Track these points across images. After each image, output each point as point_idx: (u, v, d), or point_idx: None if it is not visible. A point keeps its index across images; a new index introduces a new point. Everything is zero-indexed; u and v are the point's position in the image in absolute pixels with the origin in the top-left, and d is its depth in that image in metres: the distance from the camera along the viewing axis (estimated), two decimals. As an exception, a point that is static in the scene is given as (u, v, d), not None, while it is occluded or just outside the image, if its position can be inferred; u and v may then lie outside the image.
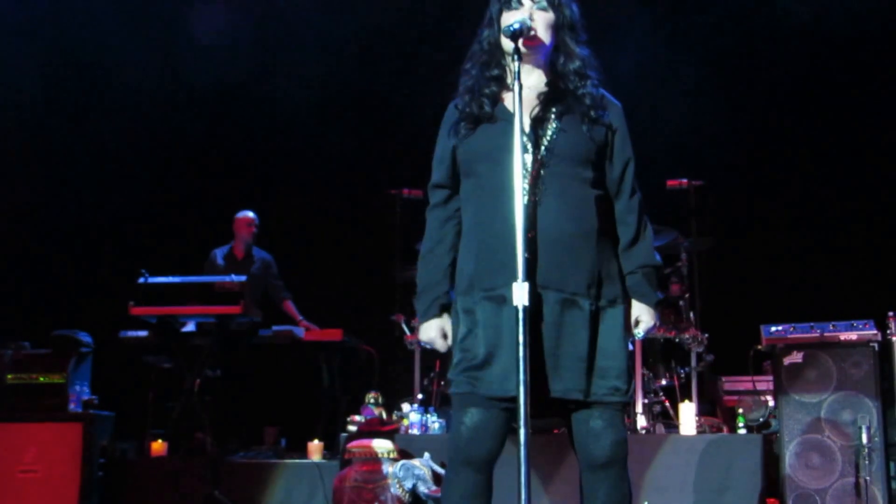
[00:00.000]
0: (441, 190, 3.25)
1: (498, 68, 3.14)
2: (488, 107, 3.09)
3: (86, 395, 6.43)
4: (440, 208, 3.24)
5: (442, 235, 3.22)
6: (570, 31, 3.12)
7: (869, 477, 5.34)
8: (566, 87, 3.09)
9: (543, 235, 2.97)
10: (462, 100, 3.16)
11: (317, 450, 6.41)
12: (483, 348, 2.99)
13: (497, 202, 2.99)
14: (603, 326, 3.02)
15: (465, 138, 3.11)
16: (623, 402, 3.02)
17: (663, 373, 6.69)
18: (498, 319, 2.97)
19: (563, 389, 2.95)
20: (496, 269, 2.98)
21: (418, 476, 5.45)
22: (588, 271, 3.01)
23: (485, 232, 3.06)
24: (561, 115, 3.07)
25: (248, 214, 7.96)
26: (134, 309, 6.28)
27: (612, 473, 3.02)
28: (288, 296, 7.93)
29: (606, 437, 3.00)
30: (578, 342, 2.96)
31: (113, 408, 6.61)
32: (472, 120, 3.10)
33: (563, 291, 2.97)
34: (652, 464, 5.67)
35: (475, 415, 3.02)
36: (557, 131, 3.05)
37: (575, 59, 3.10)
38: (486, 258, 3.03)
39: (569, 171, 3.04)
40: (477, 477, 3.04)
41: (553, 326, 2.95)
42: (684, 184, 6.86)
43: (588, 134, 3.05)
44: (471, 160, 3.11)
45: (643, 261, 3.14)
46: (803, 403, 5.58)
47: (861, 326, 5.59)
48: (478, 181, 3.10)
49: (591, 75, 3.11)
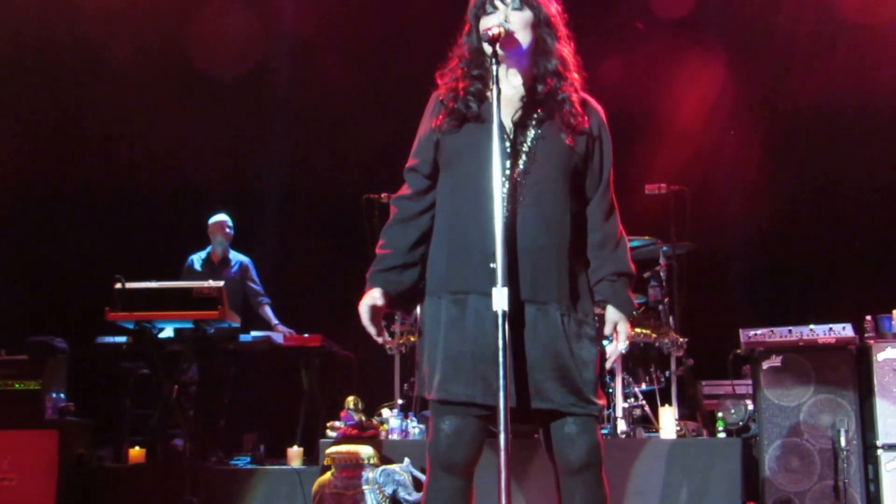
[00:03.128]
0: (418, 177, 3.18)
1: (480, 69, 3.11)
2: (475, 106, 3.07)
3: (62, 402, 6.36)
4: (413, 200, 3.17)
5: (411, 221, 3.16)
6: (547, 28, 3.09)
7: (847, 479, 5.37)
8: (546, 91, 3.07)
9: (519, 246, 2.96)
10: (447, 96, 3.13)
11: (296, 456, 6.38)
12: (446, 353, 2.99)
13: (473, 205, 2.98)
14: (577, 338, 3.00)
15: (448, 134, 3.09)
16: (595, 413, 3.00)
17: (643, 377, 6.70)
18: (462, 323, 2.97)
19: (540, 399, 2.94)
20: (466, 272, 2.98)
21: (399, 482, 5.43)
22: (562, 282, 3.00)
23: (458, 234, 3.04)
24: (541, 122, 3.06)
25: (221, 218, 7.91)
26: (110, 314, 6.23)
27: (588, 478, 3.02)
28: (266, 301, 7.89)
29: (581, 442, 2.99)
30: (555, 353, 2.95)
31: (90, 414, 6.55)
32: (457, 117, 3.08)
33: (536, 301, 2.96)
34: (632, 468, 5.67)
35: (452, 421, 3.01)
36: (537, 138, 3.04)
37: (552, 58, 3.08)
38: (456, 261, 3.02)
39: (547, 179, 3.02)
40: (457, 482, 3.03)
41: (528, 336, 2.95)
42: (663, 188, 6.87)
43: (567, 142, 3.04)
44: (452, 156, 3.10)
45: (619, 268, 3.12)
46: (782, 407, 5.60)
47: (839, 330, 5.62)
48: (456, 178, 3.09)
49: (569, 76, 3.09)
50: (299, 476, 6.09)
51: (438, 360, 3.01)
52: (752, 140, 8.21)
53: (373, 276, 3.16)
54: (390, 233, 3.19)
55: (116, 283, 6.24)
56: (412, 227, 3.16)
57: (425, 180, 3.18)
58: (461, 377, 2.95)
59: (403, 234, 3.16)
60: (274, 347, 7.11)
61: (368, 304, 3.11)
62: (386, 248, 3.17)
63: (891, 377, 5.41)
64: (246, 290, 7.85)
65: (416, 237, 3.15)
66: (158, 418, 6.46)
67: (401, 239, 3.15)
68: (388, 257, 3.15)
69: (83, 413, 6.48)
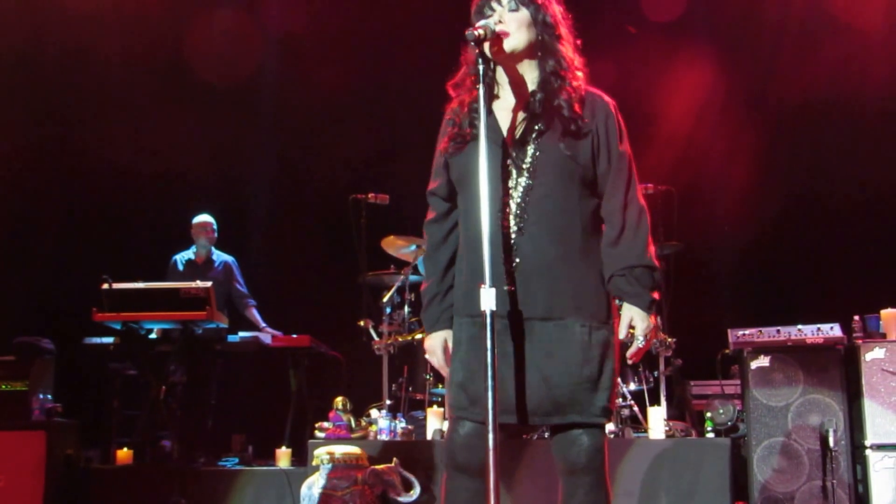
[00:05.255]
0: (438, 200, 3.24)
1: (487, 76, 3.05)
2: (477, 122, 3.00)
3: (49, 403, 6.33)
4: (438, 224, 3.25)
5: (440, 247, 3.24)
6: (546, 27, 3.05)
7: (836, 480, 5.38)
8: (545, 96, 3.02)
9: (526, 264, 2.96)
10: (453, 113, 3.13)
11: (285, 456, 6.37)
12: (463, 372, 3.04)
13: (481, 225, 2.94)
14: (594, 349, 2.98)
15: (453, 156, 3.10)
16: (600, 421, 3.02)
17: (632, 377, 6.70)
18: (478, 344, 2.93)
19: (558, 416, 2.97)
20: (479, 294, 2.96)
21: (387, 482, 5.42)
22: (572, 294, 2.99)
23: (471, 256, 3.04)
24: (541, 134, 3.02)
25: (205, 218, 7.88)
26: (98, 315, 6.21)
27: (589, 480, 3.01)
28: (252, 303, 7.87)
29: (583, 443, 3.00)
30: (571, 369, 2.95)
31: (77, 415, 6.52)
32: (460, 138, 3.08)
33: (551, 318, 2.97)
34: (621, 468, 5.67)
35: (468, 426, 3.05)
36: (537, 153, 3.01)
37: (552, 58, 3.04)
38: (471, 283, 3.01)
39: (552, 192, 2.99)
40: (472, 483, 3.05)
41: (541, 352, 2.95)
42: (650, 188, 6.88)
43: (568, 150, 2.99)
44: (460, 179, 3.11)
45: (633, 261, 3.04)
46: (771, 407, 5.61)
47: (827, 330, 5.63)
48: (467, 199, 3.09)
49: (570, 76, 3.05)
50: (287, 477, 6.08)
51: (454, 378, 3.08)
52: (740, 140, 8.21)
53: (425, 317, 3.28)
54: (426, 264, 3.31)
55: (104, 283, 6.22)
56: (442, 252, 3.24)
57: (445, 203, 3.22)
58: (473, 397, 3.00)
59: (435, 261, 3.25)
60: (262, 348, 7.09)
61: (438, 350, 3.23)
62: (427, 280, 3.28)
63: (879, 377, 5.43)
64: (231, 291, 7.82)
65: (447, 260, 3.23)
66: (146, 419, 6.44)
67: (433, 267, 3.25)
68: (428, 290, 3.25)
69: (70, 414, 6.45)
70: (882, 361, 5.44)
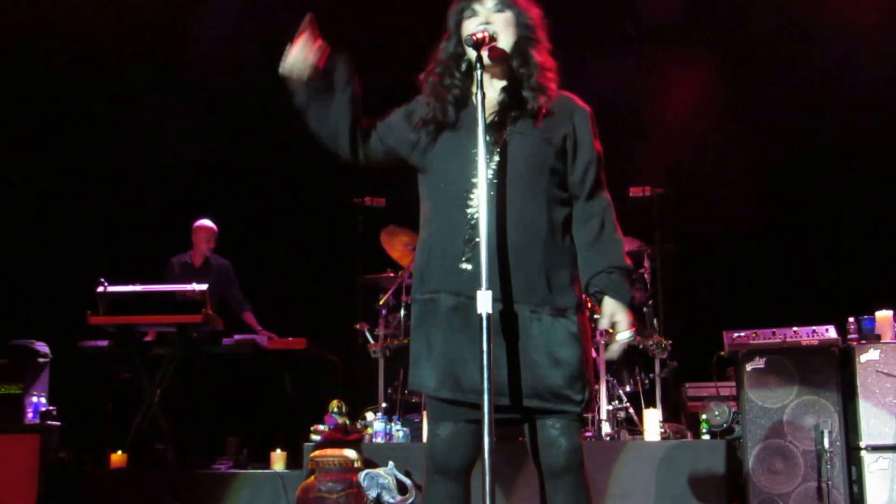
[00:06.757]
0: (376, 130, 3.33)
1: (460, 75, 3.12)
2: (452, 113, 3.09)
3: (43, 406, 6.32)
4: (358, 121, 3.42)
5: None
6: (526, 29, 3.08)
7: (831, 481, 5.39)
8: (522, 92, 3.07)
9: (495, 246, 2.95)
10: (429, 98, 3.15)
11: (280, 459, 6.36)
12: (420, 349, 3.05)
13: (448, 208, 3.02)
14: (552, 336, 2.97)
15: (427, 141, 3.12)
16: (576, 411, 2.99)
17: (627, 379, 6.71)
18: (432, 321, 3.01)
19: (519, 399, 2.93)
20: (437, 273, 3.02)
21: (382, 485, 5.41)
22: (531, 279, 2.98)
23: (433, 238, 3.08)
24: (516, 122, 3.05)
25: (206, 223, 7.86)
26: (93, 318, 6.20)
27: (569, 480, 3.01)
28: (248, 307, 7.85)
29: (560, 445, 2.99)
30: (530, 352, 2.94)
31: (71, 419, 6.50)
32: (436, 124, 3.10)
33: (513, 301, 2.96)
34: (616, 470, 5.67)
35: (447, 427, 3.04)
36: (513, 140, 3.03)
37: (530, 59, 3.06)
38: (430, 263, 3.06)
39: (524, 180, 3.01)
40: (453, 486, 3.07)
41: (503, 336, 2.94)
42: (647, 191, 6.89)
43: (543, 141, 3.03)
44: (428, 162, 3.12)
45: (616, 262, 3.08)
46: (766, 409, 5.61)
47: (822, 332, 5.65)
48: (432, 183, 3.11)
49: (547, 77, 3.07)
50: (282, 480, 6.07)
51: (413, 355, 3.08)
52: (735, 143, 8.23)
53: None
54: None
55: (99, 286, 6.21)
56: None
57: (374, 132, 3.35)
58: (433, 372, 2.99)
59: None
60: (258, 351, 7.09)
61: None
62: None
63: (873, 378, 5.44)
64: (227, 295, 7.80)
65: None
66: (141, 422, 6.42)
67: None
68: None
69: (65, 417, 6.43)
70: (877, 363, 5.45)
